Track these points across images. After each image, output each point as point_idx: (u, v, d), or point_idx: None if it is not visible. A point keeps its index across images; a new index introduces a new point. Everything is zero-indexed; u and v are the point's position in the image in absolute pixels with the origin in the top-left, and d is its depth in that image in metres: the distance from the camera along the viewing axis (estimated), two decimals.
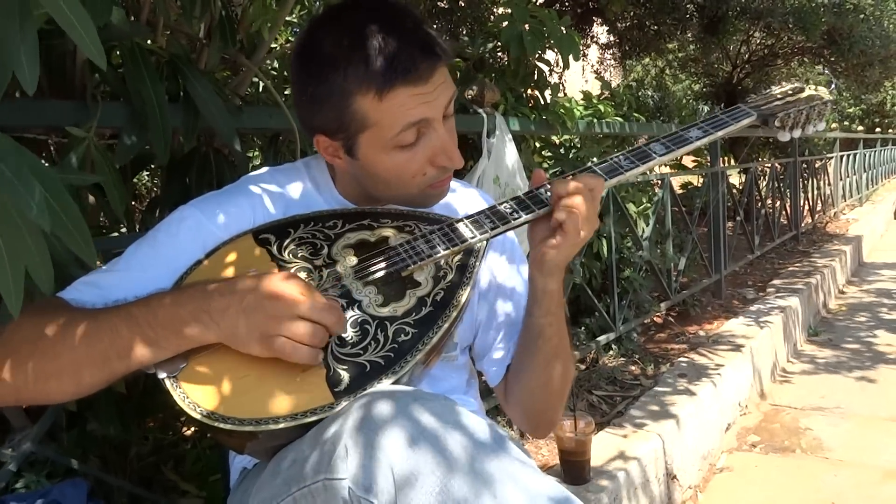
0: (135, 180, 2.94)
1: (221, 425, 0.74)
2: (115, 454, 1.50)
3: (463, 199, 1.10)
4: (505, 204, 0.95)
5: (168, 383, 0.78)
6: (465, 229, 0.92)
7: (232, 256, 0.88)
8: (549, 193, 0.94)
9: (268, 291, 0.77)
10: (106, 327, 0.79)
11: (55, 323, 0.80)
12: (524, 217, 0.94)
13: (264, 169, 1.04)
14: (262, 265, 0.87)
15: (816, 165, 7.04)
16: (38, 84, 1.25)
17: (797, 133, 1.11)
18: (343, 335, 0.81)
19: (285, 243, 0.90)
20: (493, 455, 0.70)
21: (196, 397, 0.76)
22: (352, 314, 0.83)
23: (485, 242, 0.93)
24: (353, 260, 0.89)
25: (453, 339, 1.04)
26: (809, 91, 1.14)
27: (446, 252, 0.90)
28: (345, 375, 0.78)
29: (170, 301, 0.80)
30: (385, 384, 0.78)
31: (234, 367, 0.78)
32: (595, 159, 1.04)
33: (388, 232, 0.93)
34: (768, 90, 1.16)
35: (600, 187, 0.95)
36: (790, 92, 1.14)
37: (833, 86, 1.16)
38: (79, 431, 1.40)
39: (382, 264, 0.88)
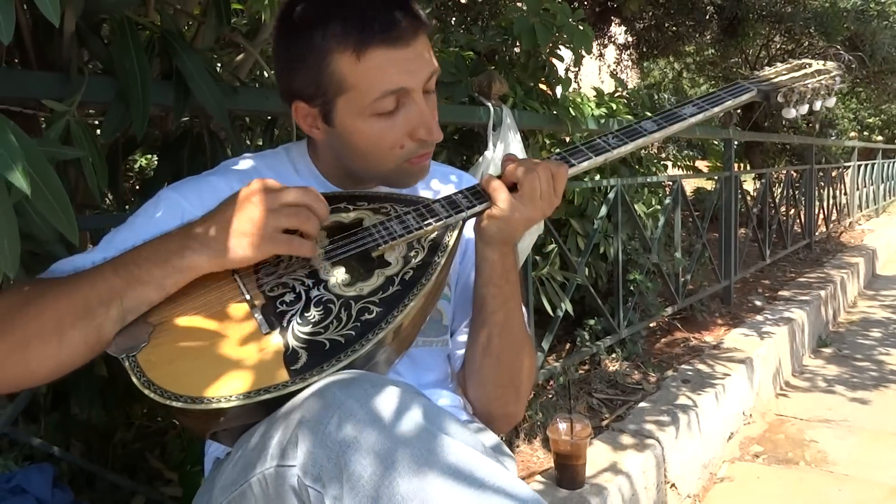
0: (142, 160, 2.93)
1: (174, 403, 0.72)
2: (98, 439, 1.47)
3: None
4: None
5: (126, 362, 0.76)
6: (440, 209, 0.90)
7: None
8: None
9: (244, 197, 0.79)
10: (90, 275, 0.79)
11: (39, 289, 0.80)
12: None
13: (244, 156, 1.02)
14: None
15: (833, 174, 6.93)
16: (25, 56, 1.21)
17: (803, 109, 1.05)
18: (306, 314, 0.80)
19: None
20: (419, 470, 0.65)
21: (151, 375, 0.74)
22: (317, 294, 0.82)
23: (461, 222, 0.90)
24: (325, 241, 0.87)
25: (443, 322, 1.01)
26: (816, 66, 1.08)
27: (419, 231, 0.87)
28: (302, 353, 0.76)
29: (157, 238, 0.81)
30: (343, 363, 0.75)
31: (193, 346, 0.77)
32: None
33: (364, 214, 0.91)
34: (773, 66, 1.10)
35: (563, 173, 0.92)
36: (795, 67, 1.08)
37: (844, 59, 1.10)
38: (61, 415, 1.37)
39: (353, 245, 0.87)
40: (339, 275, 0.84)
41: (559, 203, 0.93)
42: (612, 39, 7.39)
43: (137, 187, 2.18)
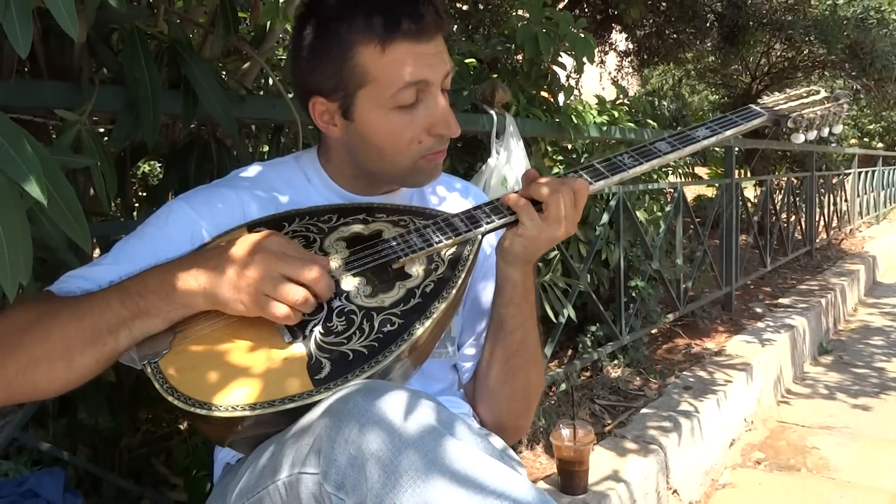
0: (145, 167, 2.95)
1: (197, 410, 0.72)
2: (105, 445, 1.48)
3: (464, 201, 1.09)
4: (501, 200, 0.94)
5: (148, 368, 0.77)
6: (459, 224, 0.91)
7: None
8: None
9: (255, 247, 0.77)
10: (98, 302, 0.79)
11: (47, 308, 0.80)
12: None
13: (254, 164, 1.02)
14: None
15: (833, 181, 6.95)
16: (35, 65, 1.22)
17: (812, 135, 1.07)
18: (328, 324, 0.80)
19: None
20: (442, 477, 0.65)
21: (174, 382, 0.75)
22: (338, 304, 0.82)
23: (479, 237, 0.91)
24: (345, 252, 0.88)
25: (451, 334, 1.02)
26: (826, 93, 1.11)
27: (439, 245, 0.88)
28: (326, 363, 0.77)
29: (161, 269, 0.81)
30: (366, 374, 0.76)
31: (215, 353, 0.78)
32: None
33: (383, 226, 0.92)
34: (783, 91, 1.12)
35: (584, 191, 0.92)
36: (805, 94, 1.11)
37: (852, 90, 1.13)
38: (68, 420, 1.38)
39: (373, 256, 0.88)
40: (360, 286, 0.85)
41: (579, 220, 0.94)
42: (613, 46, 7.42)
43: (142, 193, 2.19)
